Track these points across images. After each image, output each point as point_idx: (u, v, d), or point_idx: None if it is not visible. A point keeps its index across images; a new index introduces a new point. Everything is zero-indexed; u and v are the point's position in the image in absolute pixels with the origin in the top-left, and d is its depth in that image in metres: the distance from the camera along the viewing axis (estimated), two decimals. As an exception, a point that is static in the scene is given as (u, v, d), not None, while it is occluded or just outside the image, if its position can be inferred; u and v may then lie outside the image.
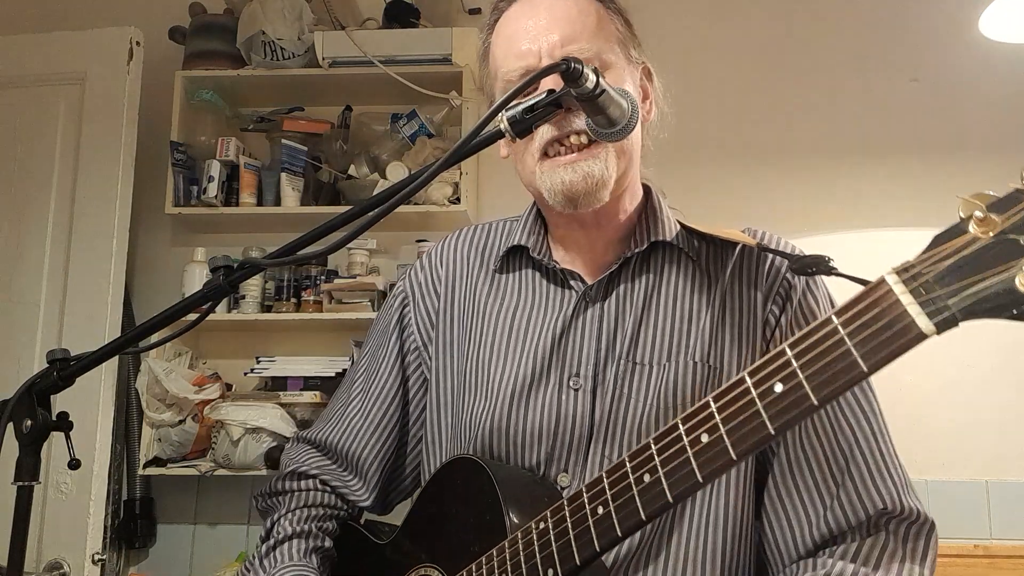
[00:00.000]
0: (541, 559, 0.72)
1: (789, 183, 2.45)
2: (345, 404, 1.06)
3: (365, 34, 2.38)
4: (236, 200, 2.39)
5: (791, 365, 0.55)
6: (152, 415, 2.23)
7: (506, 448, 0.89)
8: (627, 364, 0.88)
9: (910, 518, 0.83)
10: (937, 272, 0.49)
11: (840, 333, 0.53)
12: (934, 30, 2.48)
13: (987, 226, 0.47)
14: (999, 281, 0.46)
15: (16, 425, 0.83)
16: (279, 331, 2.46)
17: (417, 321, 1.04)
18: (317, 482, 1.04)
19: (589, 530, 0.68)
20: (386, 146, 2.39)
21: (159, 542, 2.40)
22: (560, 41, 0.89)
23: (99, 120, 2.19)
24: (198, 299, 0.82)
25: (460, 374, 0.97)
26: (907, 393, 2.31)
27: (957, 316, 0.48)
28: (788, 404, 0.56)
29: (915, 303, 0.50)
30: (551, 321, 0.92)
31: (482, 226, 1.07)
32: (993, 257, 0.47)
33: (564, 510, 0.71)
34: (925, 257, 0.50)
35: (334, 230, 0.78)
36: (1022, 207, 0.47)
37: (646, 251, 0.94)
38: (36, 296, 2.12)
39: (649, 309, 0.91)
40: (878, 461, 0.85)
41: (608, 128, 0.77)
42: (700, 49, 2.52)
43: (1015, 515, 2.22)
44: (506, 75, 0.92)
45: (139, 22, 2.29)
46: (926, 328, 0.50)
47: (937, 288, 0.49)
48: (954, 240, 0.49)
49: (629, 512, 0.66)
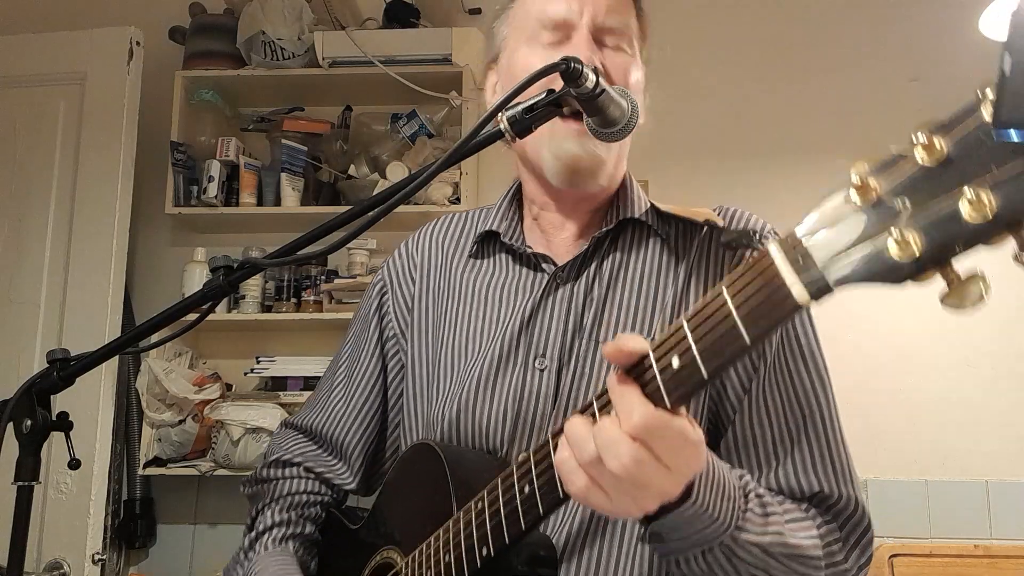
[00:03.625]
0: (477, 538, 0.73)
1: (789, 183, 2.45)
2: (329, 390, 1.08)
3: (365, 34, 2.38)
4: (236, 200, 2.39)
5: (686, 338, 0.55)
6: (152, 415, 2.23)
7: (472, 430, 0.89)
8: (590, 343, 0.88)
9: (847, 509, 0.83)
10: (814, 240, 0.48)
11: (727, 304, 0.53)
12: (934, 30, 2.48)
13: (866, 191, 0.47)
14: (871, 248, 0.45)
15: (16, 425, 0.83)
16: (279, 331, 2.46)
17: (395, 308, 1.05)
18: (301, 469, 1.06)
19: (517, 509, 0.69)
20: (386, 146, 2.39)
21: (159, 542, 2.40)
22: (606, 7, 0.90)
23: (99, 120, 2.20)
24: (198, 299, 0.82)
25: (434, 359, 0.98)
26: (907, 393, 2.32)
27: (831, 285, 0.47)
28: (683, 377, 0.56)
29: (791, 272, 0.49)
30: (521, 304, 0.93)
31: (459, 215, 1.08)
32: (868, 224, 0.46)
33: (497, 489, 0.72)
34: (806, 226, 0.49)
35: (334, 230, 0.78)
36: (901, 171, 0.46)
37: (617, 232, 0.94)
38: (36, 296, 2.12)
39: (615, 288, 0.91)
40: (823, 448, 0.84)
41: (607, 128, 0.77)
42: (700, 49, 2.52)
43: (1015, 515, 2.22)
44: (541, 15, 0.91)
45: (139, 22, 2.29)
46: (800, 297, 0.48)
47: (814, 256, 0.48)
48: (832, 206, 0.48)
49: (549, 489, 0.66)
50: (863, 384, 2.27)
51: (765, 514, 0.76)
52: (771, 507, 0.77)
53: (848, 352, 2.22)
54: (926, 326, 2.32)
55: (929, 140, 0.44)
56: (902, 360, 2.33)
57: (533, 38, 0.92)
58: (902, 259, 0.44)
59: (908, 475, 2.28)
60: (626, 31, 0.92)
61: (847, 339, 2.23)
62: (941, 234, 0.43)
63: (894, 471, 2.27)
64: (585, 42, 0.88)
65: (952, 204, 0.43)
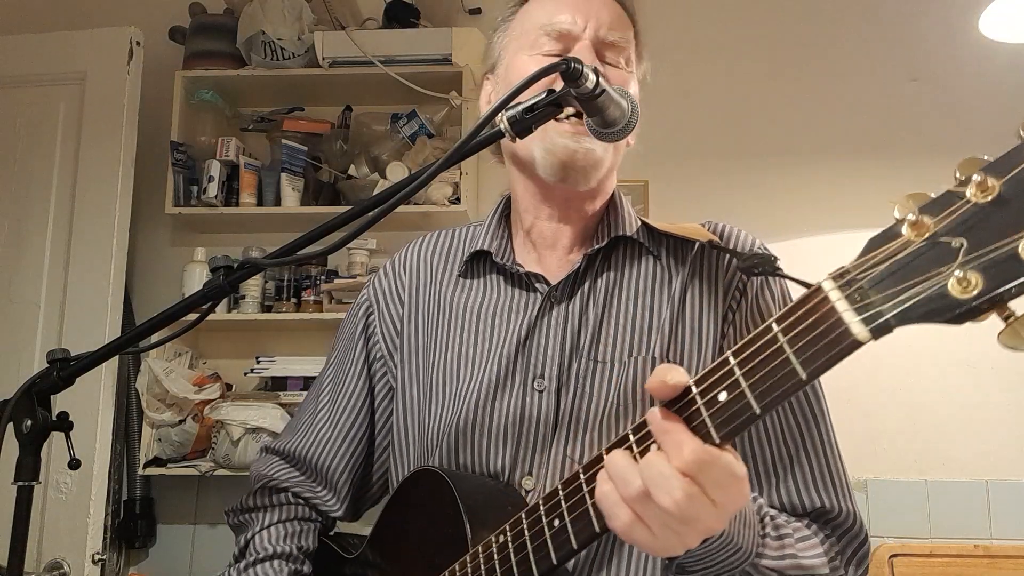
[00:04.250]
0: (501, 572, 0.71)
1: (789, 183, 2.45)
2: (313, 414, 1.05)
3: (365, 34, 2.38)
4: (236, 200, 2.39)
5: (734, 374, 0.55)
6: (152, 415, 2.23)
7: (471, 453, 0.88)
8: (588, 363, 0.88)
9: (845, 524, 0.84)
10: (871, 278, 0.48)
11: (780, 341, 0.53)
12: (934, 30, 2.48)
13: (920, 229, 0.47)
14: (931, 286, 0.46)
15: (16, 425, 0.83)
16: (279, 331, 2.46)
17: (382, 330, 1.02)
18: (290, 495, 1.03)
19: (546, 544, 0.67)
20: (386, 146, 2.39)
21: (159, 542, 2.40)
22: (609, 23, 0.91)
23: (99, 120, 2.20)
24: (198, 299, 0.82)
25: (426, 381, 0.96)
26: (907, 393, 2.31)
27: (892, 322, 0.48)
28: (732, 413, 0.55)
29: (850, 309, 0.49)
30: (516, 324, 0.92)
31: (446, 231, 1.06)
32: (925, 262, 0.46)
33: (522, 523, 0.70)
34: (860, 263, 0.49)
35: (334, 230, 0.78)
36: (953, 209, 0.46)
37: (609, 249, 0.93)
38: (36, 296, 2.12)
39: (611, 307, 0.90)
40: (822, 464, 0.85)
41: (607, 128, 0.77)
42: (700, 49, 2.52)
43: (1015, 515, 2.22)
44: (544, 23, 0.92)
45: (139, 22, 2.29)
46: (860, 335, 0.49)
47: (872, 294, 0.48)
48: (888, 244, 0.48)
49: (584, 524, 0.65)
50: (863, 384, 2.27)
51: (779, 536, 0.77)
52: (783, 529, 0.78)
53: (848, 352, 2.22)
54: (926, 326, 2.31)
55: (983, 179, 0.45)
56: (902, 360, 2.33)
57: (534, 45, 0.92)
58: (963, 298, 0.45)
59: (908, 475, 2.27)
60: (626, 47, 0.93)
61: (847, 339, 2.23)
62: (1001, 275, 0.44)
63: (894, 471, 2.27)
64: (588, 52, 0.88)
65: (1013, 246, 0.43)
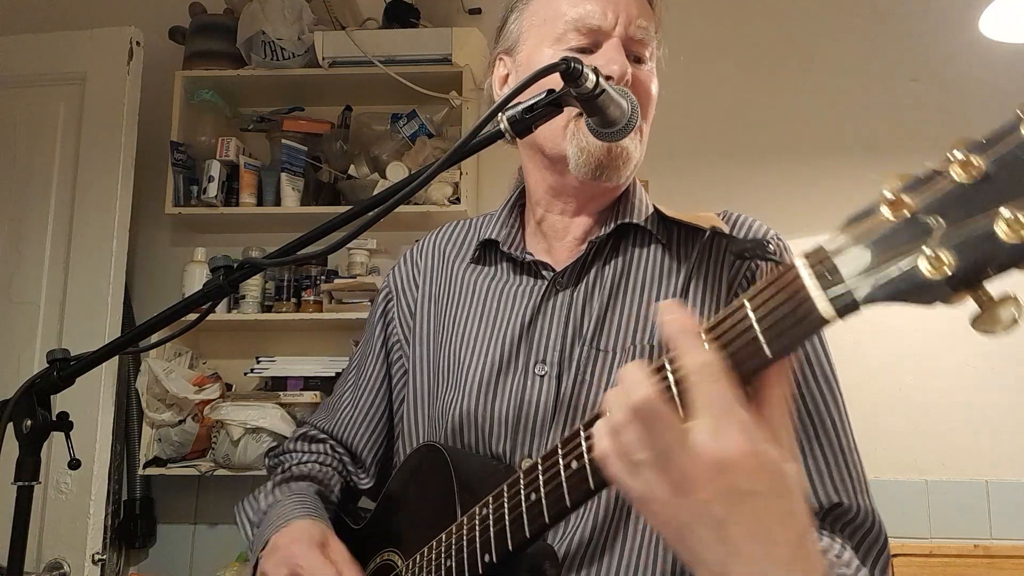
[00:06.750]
0: (480, 543, 0.73)
1: (789, 183, 2.45)
2: (339, 397, 1.11)
3: (365, 34, 2.38)
4: (236, 200, 2.39)
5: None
6: (152, 415, 2.23)
7: (475, 436, 0.90)
8: (591, 350, 0.88)
9: (864, 524, 0.82)
10: (843, 256, 0.47)
11: (750, 318, 0.51)
12: (934, 30, 2.48)
13: (898, 207, 0.45)
14: (901, 266, 0.44)
15: (16, 425, 0.83)
16: (279, 331, 2.46)
17: (399, 316, 1.06)
18: (328, 446, 1.09)
19: (522, 516, 0.68)
20: (386, 146, 2.39)
21: (159, 542, 2.40)
22: (637, 16, 0.91)
23: (99, 120, 2.20)
24: (198, 299, 0.82)
25: (435, 366, 0.99)
26: (908, 393, 2.31)
27: (858, 301, 0.46)
28: None
29: (818, 287, 0.47)
30: (520, 310, 0.93)
31: (464, 221, 1.09)
32: (899, 240, 0.45)
33: (503, 496, 0.71)
34: (834, 240, 0.48)
35: (334, 230, 0.78)
36: (935, 187, 0.44)
37: (618, 237, 0.94)
38: (36, 296, 2.13)
39: (616, 295, 0.91)
40: (837, 456, 0.83)
41: (607, 128, 0.77)
42: (700, 49, 2.51)
43: (1015, 515, 2.22)
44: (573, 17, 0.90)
45: (139, 22, 2.29)
46: (825, 312, 0.47)
47: (841, 272, 0.46)
48: (863, 221, 0.47)
49: (556, 498, 0.65)
50: (863, 384, 2.27)
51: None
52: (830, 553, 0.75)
53: (848, 352, 2.22)
54: (926, 326, 2.32)
55: (967, 157, 0.43)
56: (902, 360, 2.33)
57: (560, 40, 0.91)
58: (934, 278, 0.42)
59: (908, 475, 2.27)
60: (650, 41, 0.93)
61: (847, 339, 2.23)
62: (975, 254, 0.41)
63: (894, 471, 2.27)
64: (618, 52, 0.88)
65: (988, 224, 0.41)
